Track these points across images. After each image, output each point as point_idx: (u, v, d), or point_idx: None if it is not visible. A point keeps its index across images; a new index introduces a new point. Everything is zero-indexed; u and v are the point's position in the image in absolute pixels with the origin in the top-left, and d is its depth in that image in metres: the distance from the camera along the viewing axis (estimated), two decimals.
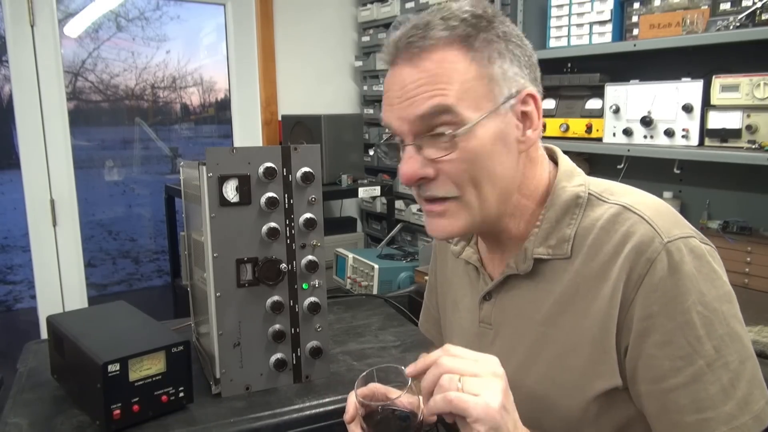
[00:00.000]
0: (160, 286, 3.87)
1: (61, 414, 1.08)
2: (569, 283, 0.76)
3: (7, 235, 3.95)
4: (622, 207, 0.75)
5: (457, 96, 0.72)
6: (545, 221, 0.79)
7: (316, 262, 1.19)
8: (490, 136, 0.73)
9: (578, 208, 0.78)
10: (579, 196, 0.78)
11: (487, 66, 0.73)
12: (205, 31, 3.49)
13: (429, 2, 2.62)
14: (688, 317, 0.68)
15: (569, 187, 0.79)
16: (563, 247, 0.77)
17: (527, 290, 0.81)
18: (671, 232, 0.71)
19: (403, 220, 2.87)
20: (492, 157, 0.74)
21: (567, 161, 0.84)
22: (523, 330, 0.81)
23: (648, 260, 0.69)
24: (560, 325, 0.77)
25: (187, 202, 1.39)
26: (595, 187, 0.80)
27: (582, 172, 0.83)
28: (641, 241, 0.71)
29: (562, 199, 0.79)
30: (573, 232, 0.77)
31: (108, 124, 3.55)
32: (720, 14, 1.65)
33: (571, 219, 0.78)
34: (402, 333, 1.45)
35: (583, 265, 0.75)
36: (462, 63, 0.73)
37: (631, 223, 0.73)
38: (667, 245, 0.69)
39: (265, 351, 1.18)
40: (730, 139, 1.63)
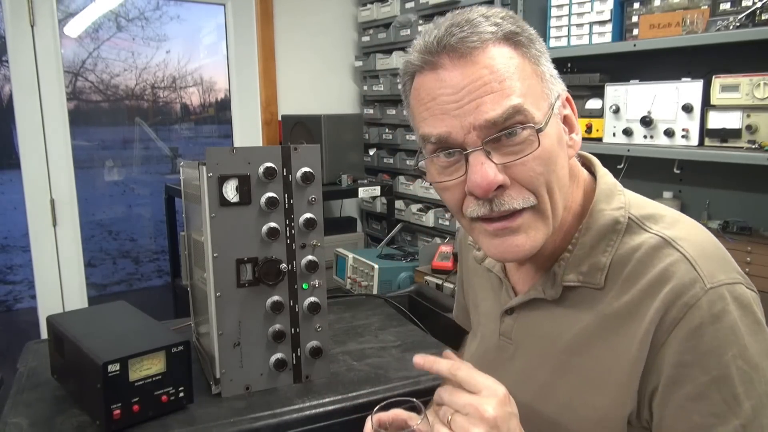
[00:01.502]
0: (160, 286, 3.87)
1: (61, 414, 1.08)
2: (599, 314, 0.71)
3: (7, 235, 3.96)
4: (664, 240, 0.68)
5: (524, 94, 0.66)
6: (579, 246, 0.73)
7: (316, 262, 1.19)
8: (554, 137, 0.69)
9: (616, 234, 0.71)
10: (618, 221, 0.72)
11: (537, 64, 0.69)
12: (205, 31, 3.49)
13: (429, 2, 2.63)
14: (725, 372, 0.62)
15: (608, 211, 0.72)
16: (596, 276, 0.71)
17: (553, 313, 0.76)
18: (716, 276, 0.65)
19: (403, 220, 2.87)
20: (558, 159, 0.69)
21: (606, 176, 0.76)
22: (545, 353, 0.76)
23: (686, 305, 0.63)
24: (585, 356, 0.72)
25: (187, 202, 1.39)
26: (637, 211, 0.73)
27: (622, 190, 0.76)
28: (681, 283, 0.64)
29: (599, 224, 0.72)
30: (608, 260, 0.71)
31: (108, 124, 3.55)
32: (720, 14, 1.65)
33: (608, 246, 0.71)
34: (402, 333, 1.45)
35: (615, 298, 0.69)
36: (519, 59, 0.68)
37: (671, 261, 0.66)
38: (710, 291, 0.63)
39: (265, 351, 1.18)
40: (730, 139, 1.63)
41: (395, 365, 1.26)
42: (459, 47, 0.66)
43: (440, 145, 0.69)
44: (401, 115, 2.90)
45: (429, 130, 0.69)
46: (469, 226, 0.73)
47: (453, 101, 0.66)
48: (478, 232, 0.72)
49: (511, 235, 0.69)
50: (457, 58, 0.66)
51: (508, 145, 0.66)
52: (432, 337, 1.43)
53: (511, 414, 0.68)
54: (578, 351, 0.72)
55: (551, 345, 0.75)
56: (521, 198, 0.67)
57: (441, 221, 2.67)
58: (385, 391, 1.15)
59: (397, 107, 2.93)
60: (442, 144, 0.68)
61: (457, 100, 0.66)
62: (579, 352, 0.72)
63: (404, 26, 2.79)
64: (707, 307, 0.63)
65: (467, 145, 0.66)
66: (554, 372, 0.74)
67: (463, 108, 0.65)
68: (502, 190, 0.67)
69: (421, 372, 0.90)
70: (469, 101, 0.65)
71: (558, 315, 0.74)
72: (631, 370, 0.67)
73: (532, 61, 0.69)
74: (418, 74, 0.70)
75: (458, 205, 0.72)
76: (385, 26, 2.96)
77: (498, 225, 0.68)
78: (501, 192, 0.67)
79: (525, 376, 0.74)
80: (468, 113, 0.65)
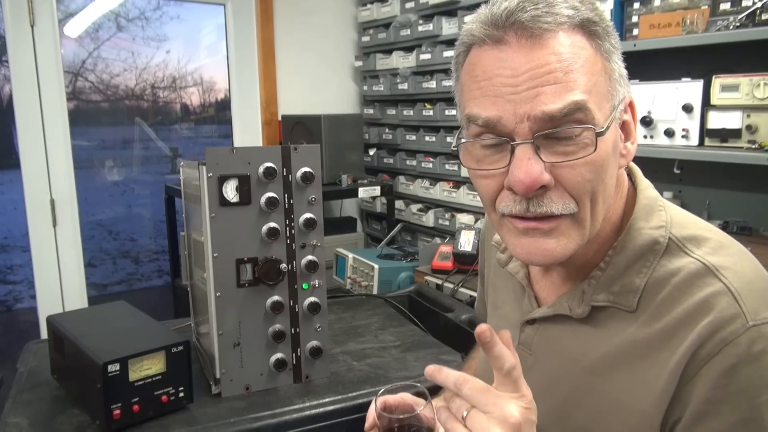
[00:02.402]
0: (160, 286, 3.86)
1: (61, 414, 1.08)
2: (628, 338, 0.65)
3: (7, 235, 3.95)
4: (706, 267, 0.62)
5: (589, 90, 0.60)
6: (612, 265, 0.67)
7: (316, 262, 1.19)
8: (611, 142, 0.63)
9: (653, 255, 0.65)
10: (657, 242, 0.66)
11: (608, 60, 0.63)
12: (205, 31, 3.49)
13: (429, 2, 2.63)
14: (757, 414, 0.58)
15: (646, 229, 0.66)
16: (628, 299, 0.66)
17: (578, 331, 0.70)
18: (760, 314, 0.59)
19: (403, 220, 2.87)
20: (609, 168, 0.63)
21: (648, 189, 0.70)
22: (566, 370, 0.71)
23: (723, 340, 0.58)
24: (609, 380, 0.67)
25: (187, 202, 1.39)
26: (678, 231, 0.67)
27: (665, 204, 0.69)
28: (721, 317, 0.59)
29: (636, 244, 0.66)
30: (643, 283, 0.65)
31: (108, 124, 3.55)
32: (720, 14, 1.66)
33: (643, 267, 0.65)
34: (402, 333, 1.45)
35: (647, 324, 0.64)
36: (590, 51, 0.61)
37: (712, 292, 0.60)
38: (751, 329, 0.58)
39: (265, 351, 1.18)
40: (730, 139, 1.63)
41: (395, 365, 1.26)
42: (530, 26, 0.59)
43: (487, 129, 0.62)
44: (401, 115, 2.90)
45: (478, 111, 0.62)
46: (498, 221, 0.67)
47: (511, 84, 0.60)
48: (506, 229, 0.66)
49: (541, 237, 0.63)
50: (525, 37, 0.59)
51: (561, 144, 0.60)
52: (432, 337, 1.43)
53: (534, 423, 0.61)
54: (602, 373, 0.67)
55: (574, 363, 0.70)
56: (562, 203, 0.61)
57: (441, 221, 2.67)
58: None
59: (397, 107, 2.93)
60: (490, 128, 0.62)
61: (516, 84, 0.59)
62: (603, 374, 0.67)
63: (404, 26, 2.79)
64: (746, 345, 0.58)
65: (517, 136, 0.60)
66: (575, 391, 0.70)
67: (520, 94, 0.59)
68: (543, 190, 0.61)
69: (421, 372, 0.91)
70: (528, 88, 0.59)
71: (584, 333, 0.69)
72: (657, 401, 0.62)
73: (603, 56, 0.62)
74: (476, 47, 0.64)
75: (492, 197, 0.66)
76: (385, 26, 2.96)
77: (530, 224, 0.63)
78: (542, 192, 0.61)
79: (543, 390, 0.69)
80: (525, 101, 0.59)
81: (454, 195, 2.62)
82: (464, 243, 1.96)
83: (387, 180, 3.02)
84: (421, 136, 2.76)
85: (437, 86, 2.63)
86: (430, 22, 2.64)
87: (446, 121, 2.62)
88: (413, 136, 2.82)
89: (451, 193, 2.64)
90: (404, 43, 2.84)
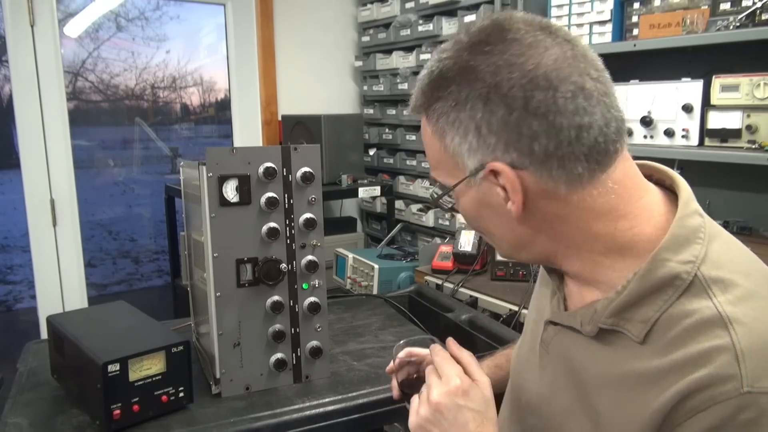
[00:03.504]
0: (160, 286, 3.86)
1: (61, 414, 1.08)
2: (629, 367, 0.64)
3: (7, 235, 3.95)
4: (719, 317, 0.58)
5: (434, 165, 0.73)
6: (628, 291, 0.64)
7: (316, 262, 1.19)
8: (471, 203, 0.71)
9: (674, 290, 0.62)
10: (679, 277, 0.61)
11: (442, 138, 0.68)
12: (205, 31, 3.49)
13: (429, 2, 2.63)
14: None
15: (672, 262, 0.62)
16: (637, 328, 0.63)
17: (586, 344, 0.70)
18: (760, 381, 0.55)
19: (403, 220, 2.87)
20: (482, 219, 0.72)
21: (688, 218, 0.65)
22: (568, 380, 0.72)
23: (712, 399, 0.56)
24: (600, 400, 0.67)
25: (187, 202, 1.39)
26: (709, 270, 0.62)
27: (708, 236, 0.64)
28: (716, 374, 0.56)
29: (656, 275, 0.62)
30: (656, 316, 0.62)
31: (108, 124, 3.55)
32: (720, 14, 1.65)
33: (659, 300, 0.62)
34: (402, 333, 1.45)
35: (650, 358, 0.62)
36: (428, 133, 0.71)
37: (716, 346, 0.57)
38: (744, 396, 0.55)
39: (265, 351, 1.18)
40: (730, 139, 1.63)
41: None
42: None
43: None
44: (401, 115, 2.90)
45: None
46: None
47: None
48: None
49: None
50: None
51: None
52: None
53: (463, 407, 0.76)
54: (596, 392, 0.68)
55: (575, 375, 0.71)
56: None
57: (441, 221, 2.67)
58: (385, 391, 1.15)
59: (397, 107, 2.93)
60: None
61: None
62: (597, 393, 0.67)
63: (404, 26, 2.79)
64: (734, 410, 0.55)
65: None
66: (571, 402, 0.71)
67: None
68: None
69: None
70: None
71: (590, 347, 0.69)
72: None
73: (438, 135, 0.69)
74: None
75: None
76: (385, 26, 2.96)
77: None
78: None
79: (550, 392, 0.73)
80: None
81: None
82: (464, 243, 1.96)
83: (387, 180, 3.02)
84: (421, 136, 2.75)
85: None
86: (430, 22, 2.64)
87: None
88: (413, 136, 2.82)
89: None
90: (404, 43, 2.84)
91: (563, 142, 0.62)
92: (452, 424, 0.77)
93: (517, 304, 1.64)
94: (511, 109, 0.62)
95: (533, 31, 0.63)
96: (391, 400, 1.02)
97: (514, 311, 1.63)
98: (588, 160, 0.63)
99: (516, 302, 1.65)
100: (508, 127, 0.62)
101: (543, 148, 0.62)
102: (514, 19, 0.65)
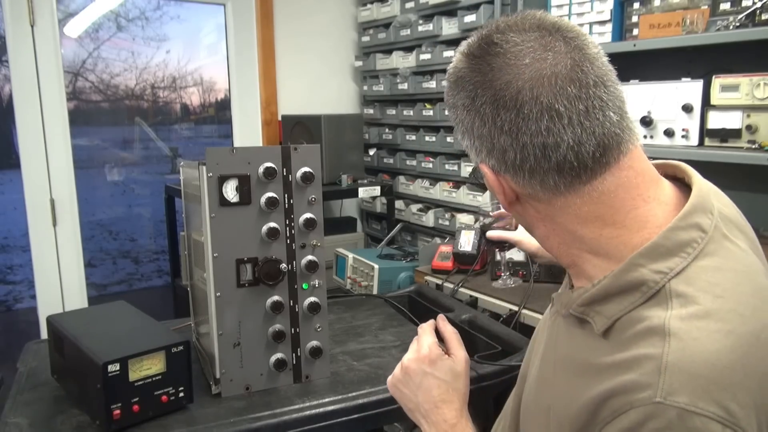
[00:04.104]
0: (160, 286, 3.86)
1: (61, 414, 1.08)
2: (585, 356, 0.65)
3: (7, 235, 3.95)
4: (662, 328, 0.59)
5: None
6: (599, 286, 0.66)
7: (316, 262, 1.19)
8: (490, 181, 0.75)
9: (640, 295, 0.63)
10: (646, 284, 0.62)
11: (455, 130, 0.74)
12: (205, 31, 3.49)
13: (429, 2, 2.63)
14: None
15: (644, 269, 0.63)
16: (601, 321, 0.65)
17: (564, 327, 0.74)
18: (675, 395, 0.55)
19: (403, 220, 2.87)
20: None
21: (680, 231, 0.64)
22: (551, 353, 0.76)
23: (628, 403, 0.56)
24: (558, 380, 0.71)
25: (187, 202, 1.39)
26: (679, 285, 0.61)
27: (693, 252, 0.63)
28: (637, 381, 0.57)
29: (625, 278, 0.64)
30: (618, 315, 0.63)
31: (108, 124, 3.55)
32: (720, 14, 1.65)
33: (625, 301, 0.64)
34: (402, 333, 1.45)
35: (602, 355, 0.63)
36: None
37: (647, 354, 0.58)
38: (654, 406, 0.55)
39: (265, 351, 1.18)
40: (730, 139, 1.63)
41: (395, 365, 1.26)
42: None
43: None
44: (401, 115, 2.90)
45: None
46: None
47: None
48: None
49: None
50: None
51: None
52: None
53: (429, 374, 0.91)
54: (560, 371, 0.71)
55: (554, 350, 0.76)
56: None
57: (441, 221, 2.67)
58: (384, 391, 1.15)
59: (397, 107, 2.93)
60: None
61: None
62: (560, 372, 0.71)
63: (404, 26, 2.79)
64: (644, 419, 0.55)
65: None
66: (550, 374, 0.75)
67: None
68: None
69: None
70: None
71: (567, 330, 0.73)
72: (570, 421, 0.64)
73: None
74: None
75: None
76: (385, 26, 2.96)
77: None
78: None
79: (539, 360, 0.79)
80: None
81: (454, 195, 2.62)
82: (464, 243, 1.95)
83: (387, 180, 3.02)
84: (421, 136, 2.76)
85: (437, 86, 2.63)
86: (430, 22, 2.64)
87: (446, 121, 2.62)
88: (413, 136, 2.82)
89: (451, 193, 2.64)
90: (404, 43, 2.84)
91: (529, 157, 0.65)
92: (419, 387, 0.92)
93: (517, 304, 1.64)
94: (484, 122, 0.66)
95: (528, 41, 0.64)
96: (391, 400, 1.03)
97: (514, 311, 1.63)
98: (560, 175, 0.65)
99: (516, 302, 1.65)
100: (486, 137, 0.67)
101: (512, 160, 0.66)
102: (511, 29, 0.66)
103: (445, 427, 0.87)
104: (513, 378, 1.20)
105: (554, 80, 0.62)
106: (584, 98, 0.63)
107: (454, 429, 0.87)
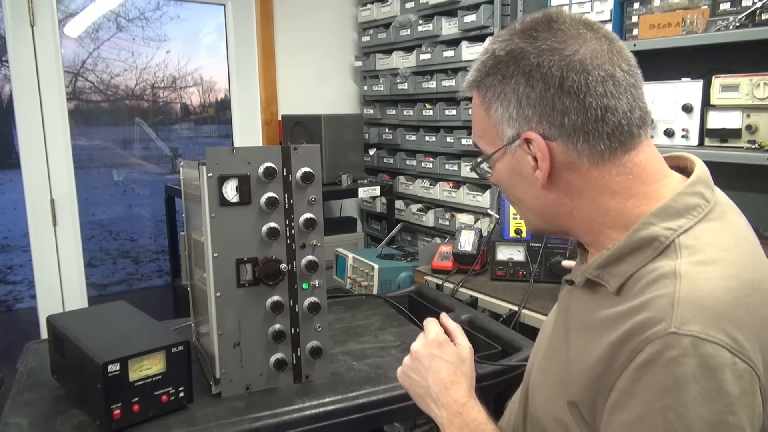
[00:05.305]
0: (160, 286, 3.86)
1: (61, 414, 1.08)
2: (601, 314, 0.70)
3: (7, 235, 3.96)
4: (673, 272, 0.65)
5: (478, 134, 0.81)
6: (615, 249, 0.72)
7: (316, 262, 1.19)
8: (505, 170, 0.80)
9: (652, 250, 0.69)
10: (657, 239, 0.69)
11: (488, 109, 0.77)
12: (205, 31, 3.49)
13: (429, 2, 2.63)
14: (653, 416, 0.60)
15: (655, 226, 0.69)
16: (615, 281, 0.70)
17: (578, 295, 0.78)
18: (687, 325, 0.60)
19: (403, 220, 2.87)
20: (513, 186, 0.80)
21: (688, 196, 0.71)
22: (562, 324, 0.80)
23: (645, 339, 0.61)
24: (573, 342, 0.75)
25: (187, 202, 1.39)
26: (687, 239, 0.68)
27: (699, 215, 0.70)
28: (652, 317, 0.62)
29: (638, 235, 0.70)
30: (630, 272, 0.69)
31: (108, 124, 3.55)
32: (720, 14, 1.65)
33: (637, 258, 0.69)
34: (402, 333, 1.45)
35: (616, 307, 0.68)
36: (477, 104, 0.79)
37: (659, 294, 0.63)
38: (670, 336, 0.60)
39: (265, 351, 1.18)
40: (730, 139, 1.63)
41: (395, 365, 1.25)
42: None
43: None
44: (401, 115, 2.90)
45: None
46: None
47: None
48: None
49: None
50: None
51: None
52: None
53: (437, 357, 0.93)
54: (574, 334, 0.76)
55: (566, 320, 0.79)
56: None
57: (441, 221, 2.67)
58: (384, 391, 1.15)
59: (397, 107, 2.93)
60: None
61: None
62: (575, 334, 0.76)
63: (404, 26, 2.79)
64: (661, 349, 0.60)
65: None
66: (561, 343, 0.78)
67: None
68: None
69: None
70: None
71: (580, 296, 0.78)
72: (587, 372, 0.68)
73: (485, 106, 0.78)
74: None
75: None
76: (385, 26, 2.96)
77: None
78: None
79: (548, 340, 0.84)
80: None
81: (454, 195, 2.62)
82: (464, 243, 1.95)
83: (387, 180, 3.02)
84: (421, 136, 2.76)
85: (437, 86, 2.63)
86: (430, 22, 2.64)
87: (446, 121, 2.62)
88: (413, 136, 2.82)
89: (451, 193, 2.64)
90: (404, 43, 2.84)
91: (590, 119, 0.70)
92: (428, 371, 0.93)
93: (517, 304, 1.64)
94: (548, 86, 0.71)
95: (577, 26, 0.73)
96: (391, 400, 1.03)
97: (514, 311, 1.63)
98: (610, 139, 0.71)
99: (516, 302, 1.65)
100: (544, 102, 0.72)
101: (572, 122, 0.71)
102: (562, 14, 0.75)
103: (456, 407, 0.88)
104: (513, 378, 1.21)
105: (610, 55, 0.72)
106: (632, 74, 0.73)
107: (464, 408, 0.88)
